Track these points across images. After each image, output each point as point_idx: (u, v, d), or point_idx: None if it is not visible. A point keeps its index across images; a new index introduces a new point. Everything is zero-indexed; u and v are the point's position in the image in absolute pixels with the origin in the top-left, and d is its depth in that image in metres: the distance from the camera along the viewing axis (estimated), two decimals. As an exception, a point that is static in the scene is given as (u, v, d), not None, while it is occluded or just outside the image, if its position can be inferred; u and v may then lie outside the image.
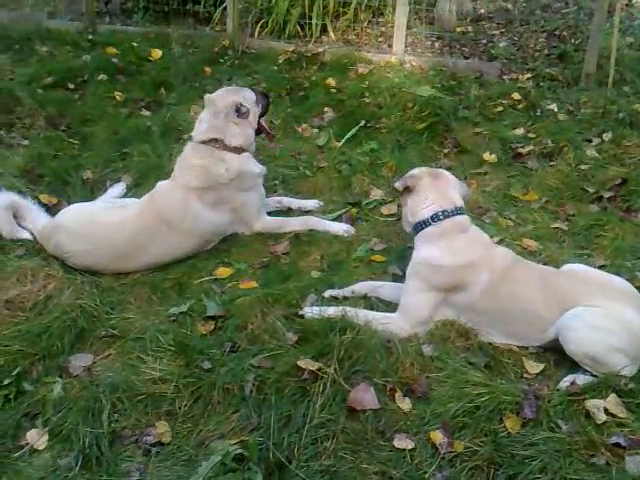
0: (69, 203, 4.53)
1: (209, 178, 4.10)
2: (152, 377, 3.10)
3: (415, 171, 3.67)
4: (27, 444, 2.83)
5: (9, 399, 3.03)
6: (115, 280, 3.92)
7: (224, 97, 4.30)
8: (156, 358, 3.21)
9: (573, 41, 7.94)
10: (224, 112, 4.21)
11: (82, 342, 3.41)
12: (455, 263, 3.37)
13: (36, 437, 2.84)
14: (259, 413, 2.88)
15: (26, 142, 5.51)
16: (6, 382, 3.07)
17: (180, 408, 2.97)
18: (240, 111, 4.24)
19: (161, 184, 4.19)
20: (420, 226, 3.52)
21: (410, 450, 2.76)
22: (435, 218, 3.46)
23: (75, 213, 4.12)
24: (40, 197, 4.59)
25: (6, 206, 4.16)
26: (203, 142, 4.19)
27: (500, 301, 3.35)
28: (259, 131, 4.51)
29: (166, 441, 2.83)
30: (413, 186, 3.57)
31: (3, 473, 2.70)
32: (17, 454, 2.80)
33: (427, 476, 2.67)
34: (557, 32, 8.33)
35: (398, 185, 3.66)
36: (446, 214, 3.46)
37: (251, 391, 2.98)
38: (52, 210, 4.45)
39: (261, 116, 4.52)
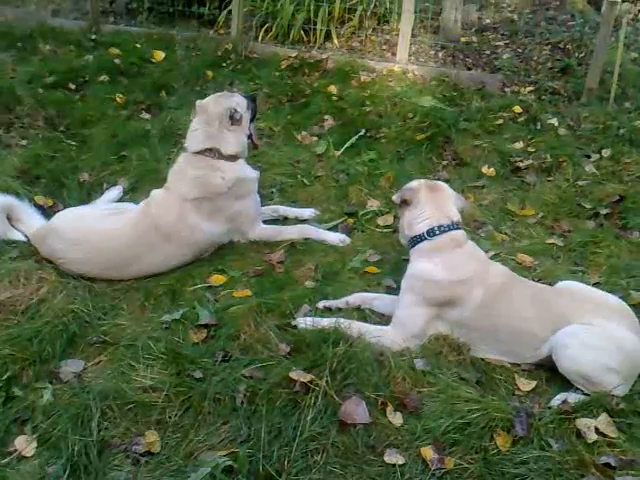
0: (65, 205, 4.54)
1: (206, 188, 4.08)
2: (143, 385, 3.08)
3: (413, 183, 3.66)
4: (15, 450, 2.81)
5: (-2, 404, 3.01)
6: (108, 285, 3.91)
7: (217, 104, 4.26)
8: (147, 366, 3.19)
9: (577, 55, 7.91)
10: (218, 120, 4.18)
11: (73, 348, 3.39)
12: (449, 278, 3.36)
13: (24, 443, 2.82)
14: (249, 425, 2.87)
15: (24, 142, 5.50)
16: (-5, 387, 3.06)
17: (170, 418, 2.94)
18: (234, 118, 4.21)
19: (156, 193, 4.16)
20: (416, 240, 3.51)
21: (400, 466, 2.75)
22: (431, 233, 3.45)
23: (70, 218, 4.08)
24: (36, 198, 4.59)
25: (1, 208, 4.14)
26: (198, 152, 4.17)
27: (494, 318, 3.34)
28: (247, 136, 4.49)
29: (155, 451, 2.81)
30: (410, 199, 3.56)
31: (-10, 480, 2.69)
32: (5, 461, 2.78)
33: (417, 492, 2.66)
34: (561, 45, 8.30)
35: (395, 198, 3.66)
36: (442, 229, 3.45)
37: (242, 402, 2.96)
38: (47, 212, 4.45)
39: (250, 121, 4.50)
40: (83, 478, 2.68)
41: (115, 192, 4.79)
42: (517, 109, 6.37)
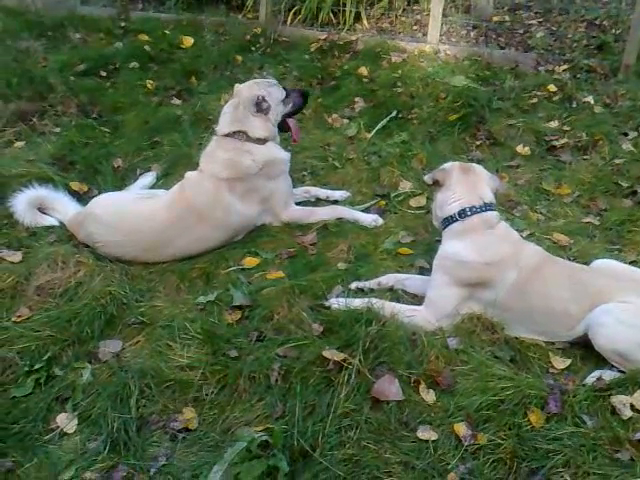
0: (99, 191, 4.60)
1: (238, 170, 4.10)
2: (180, 364, 3.15)
3: (447, 165, 3.64)
4: (57, 427, 2.89)
5: (40, 383, 3.09)
6: (144, 268, 3.95)
7: (248, 89, 4.28)
8: (184, 345, 3.25)
9: (613, 31, 7.70)
10: (243, 105, 4.21)
11: (111, 328, 3.46)
12: (480, 260, 3.34)
13: (66, 421, 2.91)
14: (284, 402, 2.91)
15: (58, 129, 5.57)
16: (37, 366, 3.13)
17: (207, 395, 3.01)
18: (260, 106, 4.21)
19: (190, 175, 4.20)
20: (448, 221, 3.49)
21: (433, 441, 2.77)
22: (462, 214, 3.43)
23: (105, 203, 4.14)
24: (71, 185, 4.65)
25: (29, 200, 4.23)
26: (227, 135, 4.20)
27: (528, 299, 3.31)
28: (286, 129, 4.49)
29: (193, 427, 2.88)
30: (442, 180, 3.54)
31: (34, 455, 2.76)
32: (47, 437, 2.87)
33: (450, 467, 2.67)
34: (597, 22, 8.10)
35: (427, 178, 3.64)
36: (474, 210, 3.42)
37: (276, 380, 3.00)
38: (83, 198, 4.51)
39: (290, 115, 4.50)
40: (123, 454, 2.75)
41: (149, 178, 4.84)
42: (552, 88, 6.24)
